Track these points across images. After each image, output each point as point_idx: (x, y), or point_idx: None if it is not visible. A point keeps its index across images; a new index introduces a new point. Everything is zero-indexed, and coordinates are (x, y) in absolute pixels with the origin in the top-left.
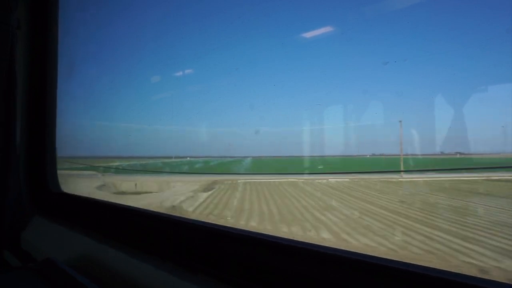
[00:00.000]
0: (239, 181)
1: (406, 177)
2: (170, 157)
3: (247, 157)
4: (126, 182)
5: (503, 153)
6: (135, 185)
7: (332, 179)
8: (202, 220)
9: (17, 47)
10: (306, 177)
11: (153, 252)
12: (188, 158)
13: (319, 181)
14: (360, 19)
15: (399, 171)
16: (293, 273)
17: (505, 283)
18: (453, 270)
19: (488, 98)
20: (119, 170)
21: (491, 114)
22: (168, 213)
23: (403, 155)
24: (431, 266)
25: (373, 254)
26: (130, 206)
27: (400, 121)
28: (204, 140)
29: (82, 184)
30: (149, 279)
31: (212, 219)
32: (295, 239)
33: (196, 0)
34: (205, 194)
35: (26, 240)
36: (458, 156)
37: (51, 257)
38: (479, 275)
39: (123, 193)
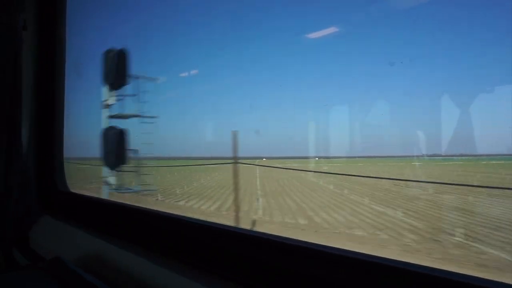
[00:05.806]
0: None
1: None
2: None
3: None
4: None
5: None
6: None
7: None
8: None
9: (25, 48)
10: None
11: (161, 251)
12: None
13: None
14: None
15: None
16: (298, 273)
17: (505, 283)
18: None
19: None
20: None
21: None
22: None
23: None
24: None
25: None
26: (137, 206)
27: None
28: None
29: None
30: (156, 278)
31: None
32: (300, 239)
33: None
34: None
35: (34, 239)
36: None
37: (59, 256)
38: None
39: None
